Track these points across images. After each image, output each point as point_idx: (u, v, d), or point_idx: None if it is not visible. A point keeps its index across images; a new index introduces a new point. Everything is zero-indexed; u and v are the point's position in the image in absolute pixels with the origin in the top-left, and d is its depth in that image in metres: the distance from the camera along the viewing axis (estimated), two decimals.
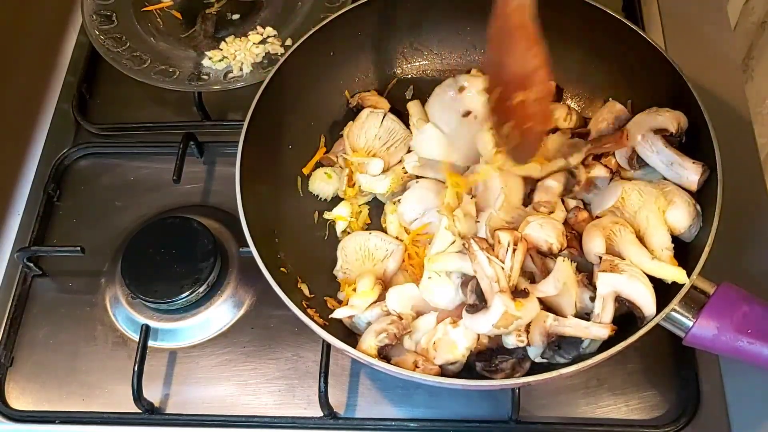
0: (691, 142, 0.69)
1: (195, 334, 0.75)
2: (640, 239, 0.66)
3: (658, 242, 0.65)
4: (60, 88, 0.92)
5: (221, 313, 0.76)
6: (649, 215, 0.66)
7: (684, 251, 0.66)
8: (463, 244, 0.65)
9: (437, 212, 0.70)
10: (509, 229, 0.65)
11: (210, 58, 0.87)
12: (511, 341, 0.63)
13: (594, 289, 0.64)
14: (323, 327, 0.63)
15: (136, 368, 0.70)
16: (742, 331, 0.60)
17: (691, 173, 0.67)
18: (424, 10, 0.81)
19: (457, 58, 0.84)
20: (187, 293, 0.74)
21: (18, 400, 0.74)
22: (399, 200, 0.74)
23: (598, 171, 0.71)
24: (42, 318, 0.78)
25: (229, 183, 0.84)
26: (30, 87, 0.93)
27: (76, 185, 0.86)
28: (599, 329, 0.62)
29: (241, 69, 0.86)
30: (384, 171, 0.75)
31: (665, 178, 0.69)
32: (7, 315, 0.77)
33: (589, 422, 0.69)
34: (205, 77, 0.86)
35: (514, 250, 0.63)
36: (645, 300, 0.62)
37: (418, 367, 0.63)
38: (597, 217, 0.69)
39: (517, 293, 0.62)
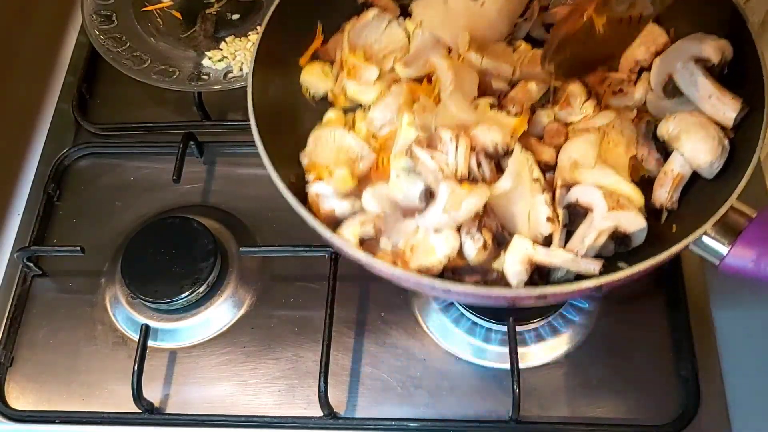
0: (733, 76, 0.65)
1: (195, 334, 0.75)
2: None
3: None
4: (60, 88, 0.92)
5: (221, 313, 0.76)
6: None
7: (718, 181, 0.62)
8: (406, 151, 0.62)
9: (397, 112, 0.67)
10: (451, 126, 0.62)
11: (210, 58, 0.87)
12: (468, 246, 0.60)
13: (552, 198, 0.61)
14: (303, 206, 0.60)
15: (135, 368, 0.70)
16: None
17: (728, 109, 0.63)
18: None
19: None
20: (187, 293, 0.74)
21: (18, 400, 0.74)
22: (368, 107, 0.70)
23: (575, 88, 0.68)
24: (42, 318, 0.78)
25: (229, 183, 0.85)
26: (30, 87, 0.93)
27: (76, 185, 0.86)
28: (590, 263, 0.58)
29: (241, 69, 0.86)
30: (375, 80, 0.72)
31: (700, 111, 0.64)
32: (6, 315, 0.77)
33: (589, 422, 0.69)
34: (205, 77, 0.86)
35: (457, 146, 0.60)
36: (640, 238, 0.60)
37: (396, 264, 0.60)
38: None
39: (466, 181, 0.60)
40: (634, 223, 0.60)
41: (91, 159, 0.88)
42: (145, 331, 0.73)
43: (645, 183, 0.65)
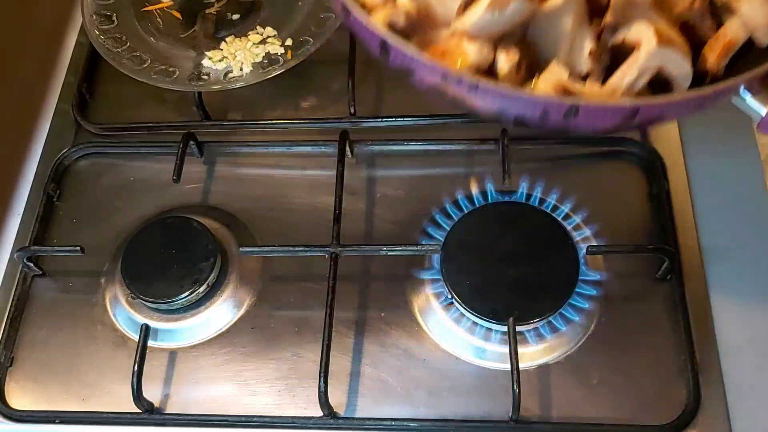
0: None
1: (195, 334, 0.75)
2: None
3: None
4: (60, 88, 0.92)
5: (221, 313, 0.76)
6: None
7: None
8: None
9: None
10: None
11: (210, 58, 0.87)
12: (501, 60, 0.56)
13: (598, 34, 0.57)
14: None
15: (135, 368, 0.70)
16: None
17: None
18: None
19: None
20: (187, 293, 0.74)
21: (18, 400, 0.74)
22: None
23: None
24: (42, 318, 0.78)
25: (230, 183, 0.85)
26: (30, 87, 0.93)
27: (76, 185, 0.86)
28: (627, 101, 0.54)
29: (241, 69, 0.86)
30: None
31: None
32: (6, 315, 0.77)
33: (589, 422, 0.69)
34: (205, 77, 0.86)
35: None
36: (682, 88, 0.56)
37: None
38: None
39: None
40: (681, 66, 0.56)
41: (91, 159, 0.88)
42: (145, 331, 0.73)
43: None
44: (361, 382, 0.72)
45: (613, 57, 0.58)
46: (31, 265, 0.79)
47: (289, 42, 0.88)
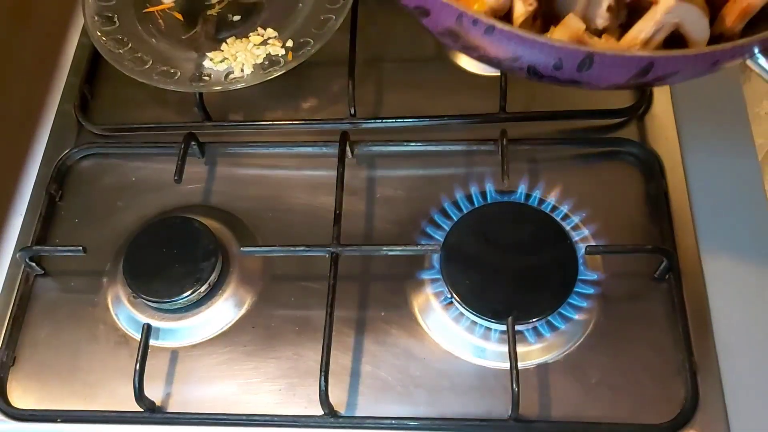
0: None
1: (196, 334, 0.76)
2: None
3: None
4: (62, 89, 0.93)
5: (222, 312, 0.76)
6: None
7: None
8: None
9: None
10: None
11: (211, 59, 0.88)
12: (518, 7, 0.55)
13: None
14: None
15: (137, 367, 0.70)
16: None
17: None
18: None
19: None
20: (188, 293, 0.75)
21: (20, 399, 0.74)
22: None
23: None
24: (44, 317, 0.78)
25: (231, 183, 0.85)
26: (32, 88, 0.93)
27: (78, 185, 0.86)
28: (642, 51, 0.53)
29: (242, 70, 0.86)
30: None
31: None
32: (9, 314, 0.78)
33: (589, 422, 0.69)
34: (207, 78, 0.86)
35: None
36: (702, 37, 0.55)
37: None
38: None
39: None
40: (699, 24, 0.55)
41: (93, 159, 0.88)
42: (147, 331, 0.73)
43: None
44: (362, 381, 0.72)
45: (630, 13, 0.56)
46: (34, 264, 0.79)
47: (289, 43, 0.88)
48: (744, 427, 0.68)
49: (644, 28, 0.55)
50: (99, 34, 0.89)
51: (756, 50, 0.55)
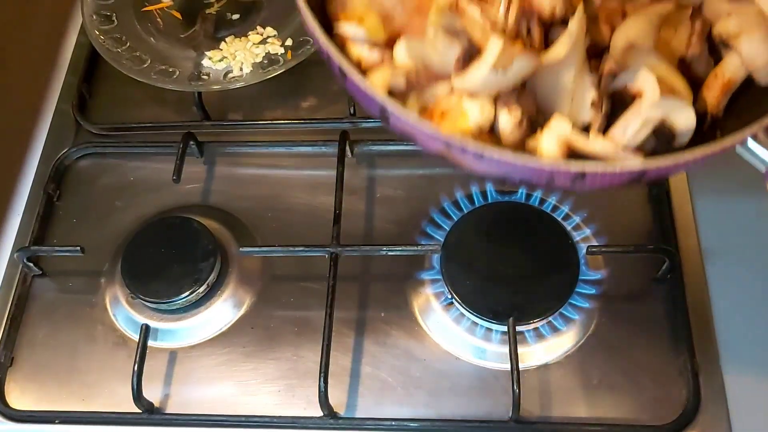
0: None
1: (195, 334, 0.75)
2: None
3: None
4: (60, 88, 0.92)
5: (221, 313, 0.76)
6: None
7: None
8: (450, 5, 0.56)
9: None
10: None
11: (210, 58, 0.87)
12: (503, 119, 0.55)
13: (598, 84, 0.56)
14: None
15: (136, 368, 0.70)
16: None
17: None
18: None
19: None
20: (187, 293, 0.74)
21: (18, 400, 0.74)
22: None
23: None
24: (42, 318, 0.78)
25: (230, 183, 0.85)
26: (30, 87, 0.93)
27: (76, 185, 0.86)
28: (630, 156, 0.53)
29: (241, 69, 0.86)
30: None
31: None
32: (7, 315, 0.77)
33: (589, 422, 0.69)
34: (205, 77, 0.86)
35: (509, 4, 0.55)
36: (685, 137, 0.55)
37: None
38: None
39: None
40: (685, 116, 0.55)
41: (91, 159, 0.88)
42: (145, 331, 0.73)
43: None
44: (362, 382, 0.72)
45: (617, 99, 0.57)
46: (31, 265, 0.79)
47: (289, 42, 0.88)
48: (746, 428, 0.68)
49: (630, 123, 0.55)
50: (97, 32, 0.88)
51: (743, 146, 0.55)
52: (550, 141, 0.54)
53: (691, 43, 0.60)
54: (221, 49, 0.88)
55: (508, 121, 0.55)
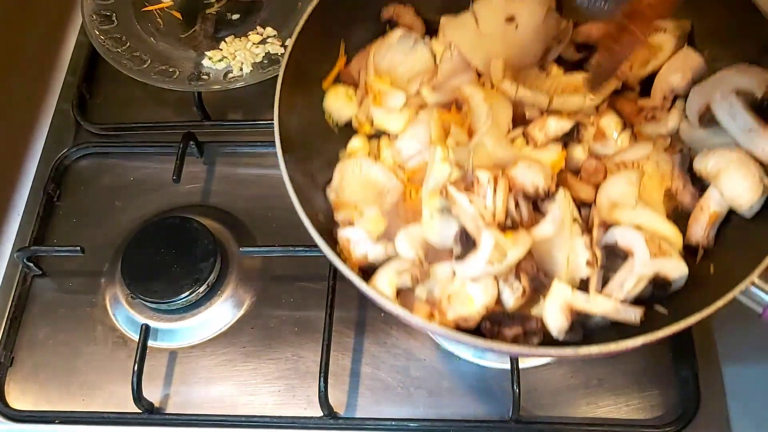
0: None
1: (195, 334, 0.75)
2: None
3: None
4: (60, 88, 0.93)
5: (221, 313, 0.76)
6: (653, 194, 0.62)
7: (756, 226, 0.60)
8: (441, 191, 0.60)
9: (429, 144, 0.64)
10: (490, 167, 0.60)
11: (210, 58, 0.87)
12: (506, 295, 0.59)
13: (590, 240, 0.59)
14: (337, 254, 0.58)
15: (135, 368, 0.70)
16: None
17: None
18: None
19: None
20: (187, 293, 0.74)
21: (18, 400, 0.74)
22: (395, 135, 0.68)
23: (609, 120, 0.65)
24: (42, 318, 0.78)
25: (229, 183, 0.85)
26: (30, 87, 0.93)
27: (76, 185, 0.86)
28: (630, 311, 0.56)
29: (241, 69, 0.86)
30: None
31: (737, 144, 0.62)
32: (7, 315, 0.77)
33: (589, 422, 0.69)
34: (205, 77, 0.86)
35: (495, 188, 0.58)
36: (680, 283, 0.58)
37: (434, 318, 0.58)
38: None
39: (506, 228, 0.58)
40: (676, 269, 0.59)
41: (91, 159, 0.88)
42: (145, 331, 0.73)
43: (679, 215, 0.64)
44: (361, 382, 0.72)
45: (608, 255, 0.60)
46: (31, 265, 0.79)
47: (289, 42, 0.88)
48: (745, 428, 0.68)
49: (625, 281, 0.58)
50: (97, 32, 0.88)
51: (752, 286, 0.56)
52: (554, 311, 0.58)
53: (673, 176, 0.64)
54: (221, 49, 0.88)
55: (511, 295, 0.59)
